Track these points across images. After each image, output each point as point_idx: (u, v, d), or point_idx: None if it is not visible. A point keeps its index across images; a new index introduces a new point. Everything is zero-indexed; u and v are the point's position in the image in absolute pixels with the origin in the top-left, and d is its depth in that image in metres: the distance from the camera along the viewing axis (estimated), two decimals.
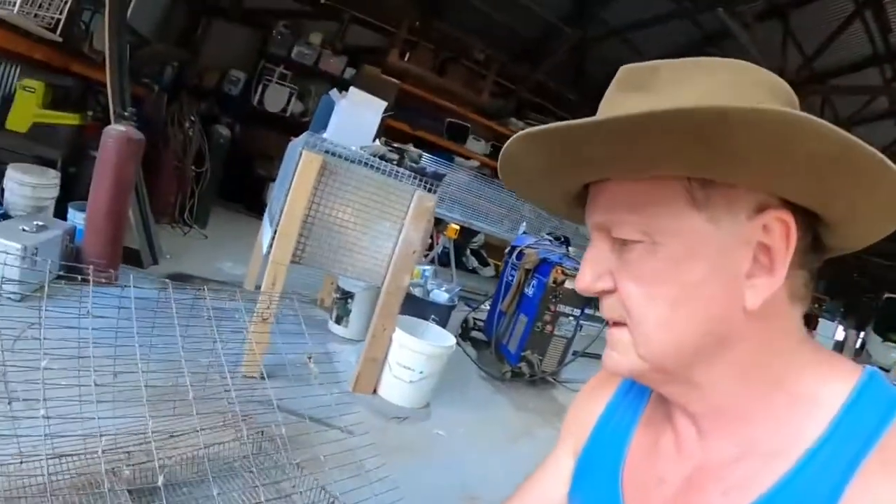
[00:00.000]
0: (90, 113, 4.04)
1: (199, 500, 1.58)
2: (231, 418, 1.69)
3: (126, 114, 3.22)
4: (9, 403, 1.02)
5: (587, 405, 0.74)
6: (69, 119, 3.79)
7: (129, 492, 1.50)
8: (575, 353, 3.81)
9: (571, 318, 3.65)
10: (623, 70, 0.53)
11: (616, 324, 0.55)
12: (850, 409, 0.49)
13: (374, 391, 2.86)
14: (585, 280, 0.55)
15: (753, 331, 0.51)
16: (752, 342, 0.52)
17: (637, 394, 0.68)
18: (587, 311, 3.78)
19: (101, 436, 0.93)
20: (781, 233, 0.49)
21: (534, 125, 0.48)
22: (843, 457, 0.47)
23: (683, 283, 0.50)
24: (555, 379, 3.90)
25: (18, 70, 3.76)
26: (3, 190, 3.11)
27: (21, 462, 1.36)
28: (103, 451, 1.41)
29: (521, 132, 0.50)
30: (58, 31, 3.28)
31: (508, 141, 0.52)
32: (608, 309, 0.55)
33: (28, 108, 3.49)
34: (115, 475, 1.42)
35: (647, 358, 0.53)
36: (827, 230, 0.52)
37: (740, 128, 0.41)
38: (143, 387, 1.00)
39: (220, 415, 1.66)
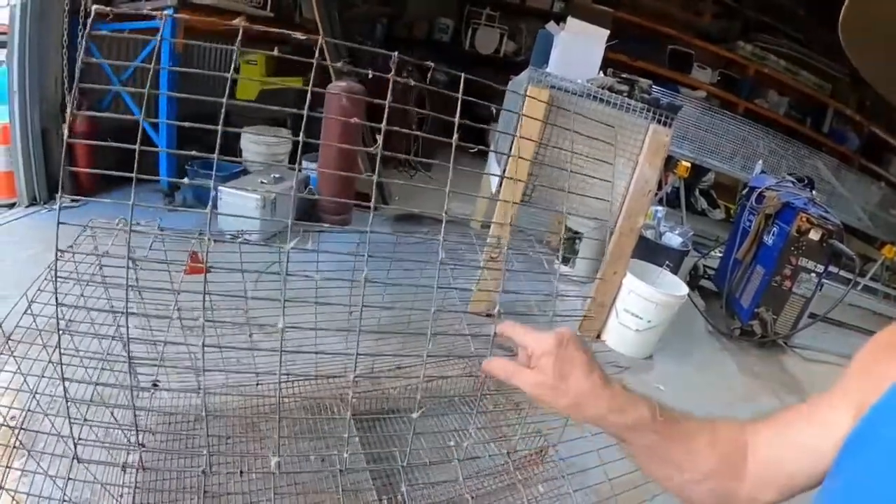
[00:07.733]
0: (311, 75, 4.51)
1: (418, 428, 1.67)
2: (455, 354, 1.75)
3: (345, 70, 3.46)
4: (249, 336, 1.12)
5: (883, 361, 0.56)
6: (293, 82, 4.31)
7: (353, 418, 1.65)
8: (812, 317, 3.31)
9: (814, 274, 3.19)
10: None
11: None
12: None
13: (598, 336, 2.79)
14: None
15: None
16: None
17: None
18: (831, 269, 3.27)
19: (353, 364, 0.98)
20: None
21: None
22: None
23: None
24: (786, 343, 3.46)
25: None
26: (240, 150, 3.65)
27: (257, 384, 1.57)
28: (331, 378, 1.56)
29: None
30: (268, 8, 3.73)
31: None
32: None
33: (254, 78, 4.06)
34: (341, 401, 1.56)
35: None
36: None
37: None
38: (379, 318, 1.04)
39: (445, 350, 1.72)
